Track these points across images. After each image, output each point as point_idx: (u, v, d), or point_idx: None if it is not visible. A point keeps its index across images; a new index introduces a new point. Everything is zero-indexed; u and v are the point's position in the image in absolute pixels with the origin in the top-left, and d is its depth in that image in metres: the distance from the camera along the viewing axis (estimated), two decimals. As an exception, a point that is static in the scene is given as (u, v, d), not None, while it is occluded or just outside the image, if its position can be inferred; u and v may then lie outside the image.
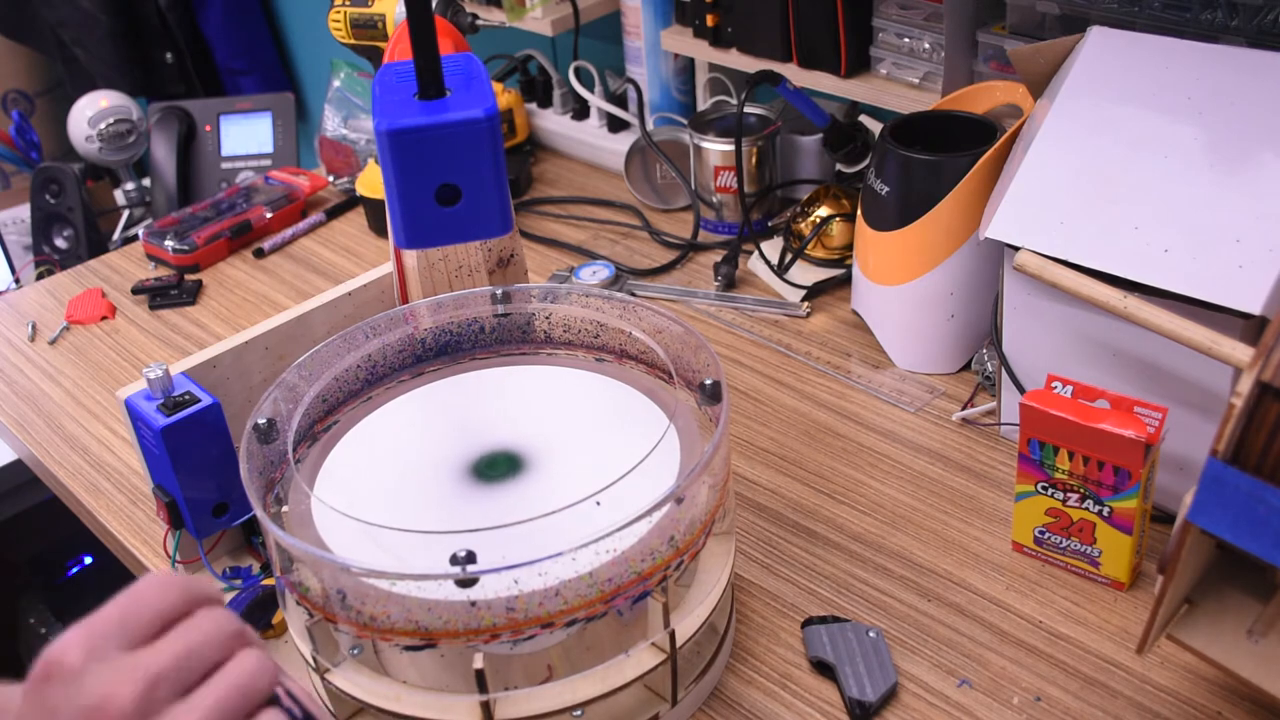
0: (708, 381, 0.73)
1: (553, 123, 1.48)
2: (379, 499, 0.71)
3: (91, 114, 1.59)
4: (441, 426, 0.77)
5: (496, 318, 0.84)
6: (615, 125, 1.43)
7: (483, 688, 0.63)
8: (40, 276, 1.40)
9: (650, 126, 1.37)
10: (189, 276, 1.28)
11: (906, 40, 1.13)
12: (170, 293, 1.25)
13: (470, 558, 0.59)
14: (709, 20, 1.26)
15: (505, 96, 1.44)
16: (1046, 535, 0.80)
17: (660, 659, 0.67)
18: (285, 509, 0.69)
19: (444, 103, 0.63)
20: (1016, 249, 0.80)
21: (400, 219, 0.63)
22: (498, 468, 0.72)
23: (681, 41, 1.32)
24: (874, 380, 1.02)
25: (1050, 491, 0.78)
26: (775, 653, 0.76)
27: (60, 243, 1.49)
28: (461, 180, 0.62)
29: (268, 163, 1.55)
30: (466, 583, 0.60)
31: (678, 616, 0.68)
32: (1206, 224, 0.76)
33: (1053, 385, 0.77)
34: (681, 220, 1.31)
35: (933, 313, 0.99)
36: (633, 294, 1.12)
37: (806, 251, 1.16)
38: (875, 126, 1.18)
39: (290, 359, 0.82)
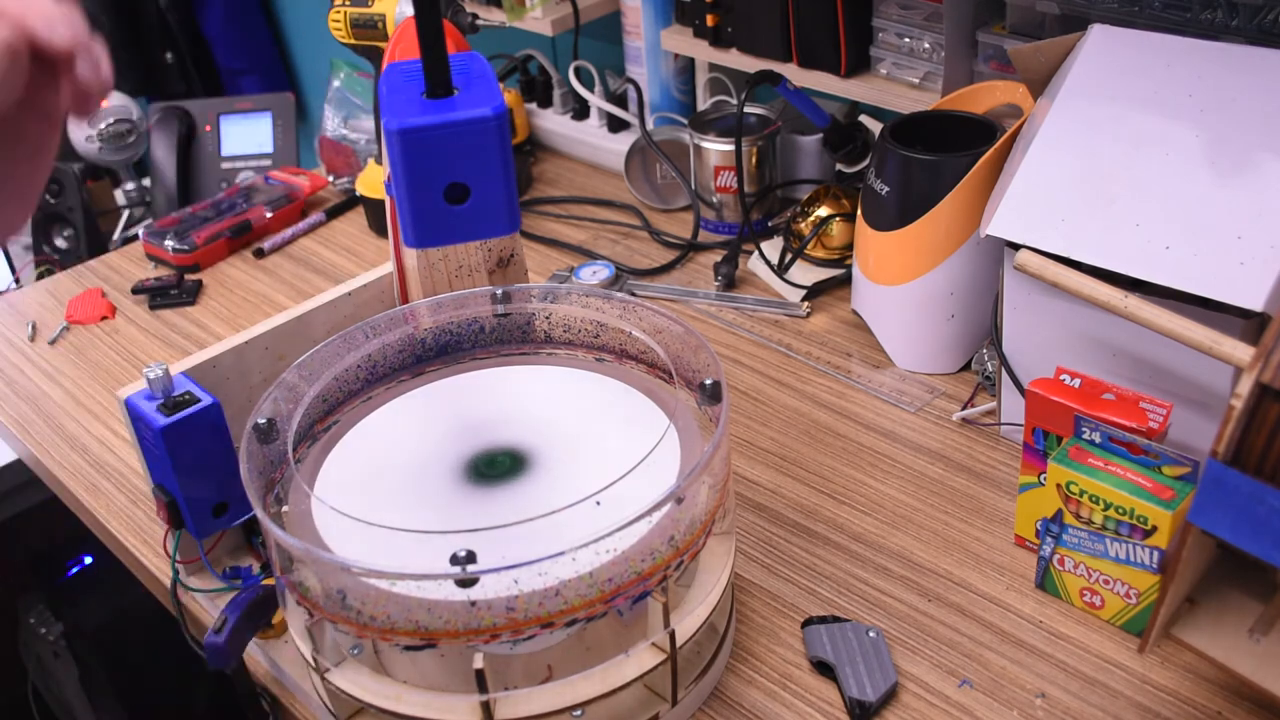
0: (708, 381, 0.73)
1: (553, 123, 1.48)
2: (379, 499, 0.71)
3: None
4: (441, 426, 0.77)
5: (496, 318, 0.84)
6: (615, 125, 1.43)
7: (483, 688, 0.63)
8: (40, 276, 1.40)
9: (650, 126, 1.36)
10: (189, 276, 1.28)
11: (906, 40, 1.13)
12: (170, 293, 1.25)
13: (470, 558, 0.59)
14: (709, 20, 1.25)
15: (505, 96, 1.43)
16: (1047, 535, 0.80)
17: (660, 659, 0.67)
18: (285, 509, 0.69)
19: (452, 101, 0.63)
20: (1017, 246, 0.80)
21: (409, 218, 0.63)
22: (498, 467, 0.72)
23: (681, 41, 1.32)
24: (874, 380, 1.02)
25: (1051, 491, 0.78)
26: (775, 653, 0.76)
27: (60, 243, 1.49)
28: (470, 178, 0.62)
29: (268, 163, 1.54)
30: (466, 583, 0.60)
31: (678, 616, 0.68)
32: (1208, 221, 0.76)
33: (1061, 377, 0.77)
34: (681, 220, 1.31)
35: (933, 313, 0.99)
36: (633, 294, 1.12)
37: (806, 251, 1.16)
38: (875, 126, 1.18)
39: (290, 359, 0.81)
